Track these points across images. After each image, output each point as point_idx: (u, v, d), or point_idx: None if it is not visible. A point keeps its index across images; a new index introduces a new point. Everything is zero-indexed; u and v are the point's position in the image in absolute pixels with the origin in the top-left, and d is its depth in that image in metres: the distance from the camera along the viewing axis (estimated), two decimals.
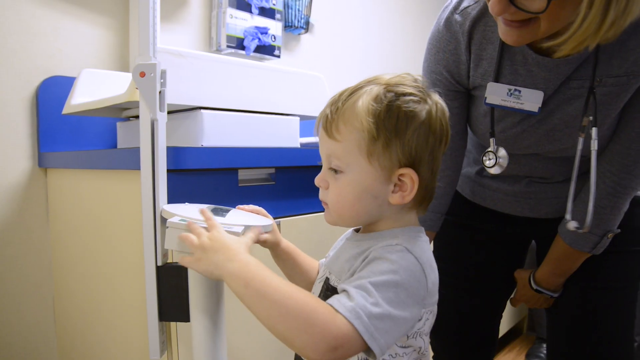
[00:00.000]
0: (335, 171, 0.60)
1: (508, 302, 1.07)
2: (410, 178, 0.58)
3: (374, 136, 0.57)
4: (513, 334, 2.30)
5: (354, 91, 0.60)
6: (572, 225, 0.77)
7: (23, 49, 1.22)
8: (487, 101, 0.79)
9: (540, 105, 0.76)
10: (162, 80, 0.77)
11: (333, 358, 0.49)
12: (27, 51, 1.23)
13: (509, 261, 1.02)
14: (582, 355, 0.88)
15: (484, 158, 0.83)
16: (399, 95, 0.58)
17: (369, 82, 0.61)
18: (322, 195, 0.64)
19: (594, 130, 0.72)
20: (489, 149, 0.82)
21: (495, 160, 0.81)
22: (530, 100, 0.76)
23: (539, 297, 0.92)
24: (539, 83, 0.76)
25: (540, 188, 0.88)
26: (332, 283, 0.62)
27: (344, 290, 0.53)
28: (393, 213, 0.61)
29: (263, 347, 1.00)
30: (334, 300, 0.52)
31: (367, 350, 0.51)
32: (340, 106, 0.59)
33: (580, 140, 0.74)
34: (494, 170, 0.82)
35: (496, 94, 0.78)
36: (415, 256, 0.56)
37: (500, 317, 1.08)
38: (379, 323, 0.50)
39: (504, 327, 2.05)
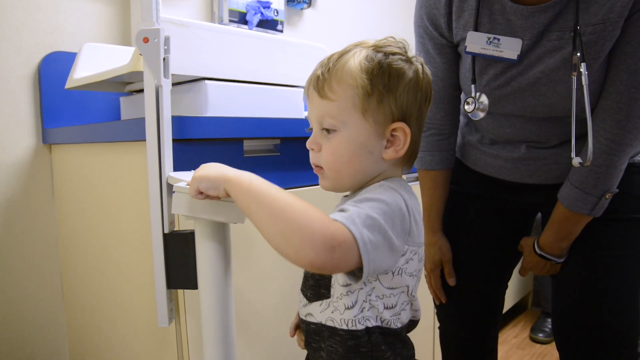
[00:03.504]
0: (328, 131, 0.62)
1: (513, 276, 1.07)
2: (403, 131, 0.61)
3: (368, 92, 0.59)
4: (518, 309, 2.31)
5: (342, 54, 0.63)
6: (576, 161, 0.78)
7: (23, 25, 1.21)
8: (467, 50, 0.82)
9: (519, 53, 0.78)
10: (165, 47, 0.76)
11: (330, 259, 0.50)
12: (27, 27, 1.22)
13: (515, 231, 1.01)
14: (586, 326, 0.88)
15: (465, 103, 0.85)
16: (388, 54, 0.61)
17: (356, 45, 0.63)
18: (313, 158, 0.65)
19: (582, 65, 0.73)
20: (471, 95, 0.85)
21: (475, 105, 0.84)
22: (509, 48, 0.79)
23: (544, 263, 0.92)
24: (517, 31, 0.78)
25: (539, 154, 0.88)
26: None
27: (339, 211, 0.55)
28: (385, 171, 0.64)
29: (271, 313, 1.01)
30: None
31: (357, 270, 0.53)
32: (331, 67, 0.62)
33: (574, 79, 0.75)
34: (474, 116, 0.84)
35: (476, 42, 0.81)
36: (399, 193, 0.58)
37: (506, 287, 1.08)
38: (370, 234, 0.52)
39: (508, 302, 2.06)
